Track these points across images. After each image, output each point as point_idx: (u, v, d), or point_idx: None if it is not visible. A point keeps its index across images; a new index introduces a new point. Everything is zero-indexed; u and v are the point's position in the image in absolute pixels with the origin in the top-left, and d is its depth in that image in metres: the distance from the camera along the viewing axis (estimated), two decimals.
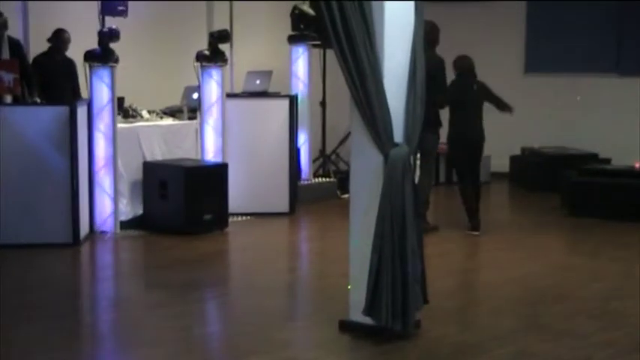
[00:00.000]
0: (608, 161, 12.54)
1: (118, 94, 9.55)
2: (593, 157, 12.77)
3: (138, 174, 9.76)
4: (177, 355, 5.90)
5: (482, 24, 14.17)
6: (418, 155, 9.53)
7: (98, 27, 9.44)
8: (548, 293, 7.35)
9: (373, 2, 5.86)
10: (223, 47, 10.45)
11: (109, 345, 6.33)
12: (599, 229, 9.95)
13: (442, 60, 9.56)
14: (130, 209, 9.70)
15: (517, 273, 8.01)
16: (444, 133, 9.88)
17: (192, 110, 10.43)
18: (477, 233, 9.45)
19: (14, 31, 9.67)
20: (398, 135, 5.95)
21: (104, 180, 9.43)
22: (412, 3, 6.01)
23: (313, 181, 11.82)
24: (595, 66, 13.54)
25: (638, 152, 11.95)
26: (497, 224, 10.23)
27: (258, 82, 10.81)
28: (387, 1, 5.89)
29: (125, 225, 9.56)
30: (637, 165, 11.06)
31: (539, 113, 13.82)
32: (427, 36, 9.58)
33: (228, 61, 10.65)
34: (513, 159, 13.45)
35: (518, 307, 7.07)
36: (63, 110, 8.82)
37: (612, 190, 10.65)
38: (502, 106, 9.86)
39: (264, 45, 12.23)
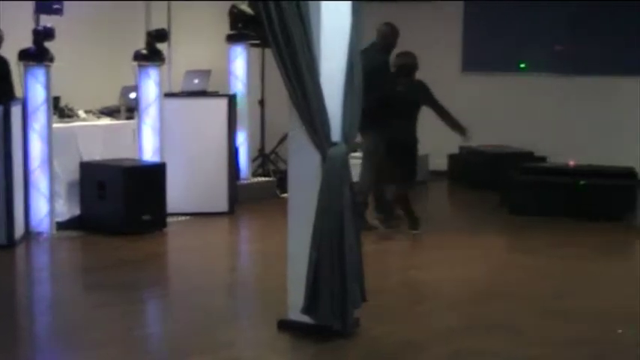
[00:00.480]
0: (543, 159, 12.71)
1: (54, 93, 9.43)
2: (529, 155, 12.92)
3: (75, 174, 9.64)
4: (118, 357, 5.85)
5: (419, 24, 14.24)
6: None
7: (33, 25, 9.31)
8: (488, 291, 7.42)
9: (310, 2, 5.86)
10: (161, 46, 10.37)
11: (49, 348, 6.25)
12: (538, 226, 10.05)
13: (386, 61, 9.59)
14: (66, 210, 9.59)
15: (458, 271, 8.07)
16: None
17: (130, 110, 10.33)
18: (417, 232, 9.50)
19: None
20: (336, 134, 5.96)
21: (40, 180, 9.30)
22: (349, 3, 6.03)
23: (252, 180, 11.78)
24: (532, 65, 13.71)
25: (572, 150, 12.13)
26: (438, 223, 10.30)
27: (196, 81, 10.75)
28: (324, 2, 5.90)
29: (62, 226, 9.45)
30: (571, 163, 11.22)
31: (476, 112, 13.92)
32: (386, 39, 9.78)
33: (166, 61, 10.57)
34: (452, 157, 13.55)
35: (459, 305, 7.12)
36: None
37: (550, 188, 10.79)
38: (451, 124, 9.78)
39: (203, 44, 12.17)
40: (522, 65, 13.79)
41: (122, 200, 9.30)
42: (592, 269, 8.21)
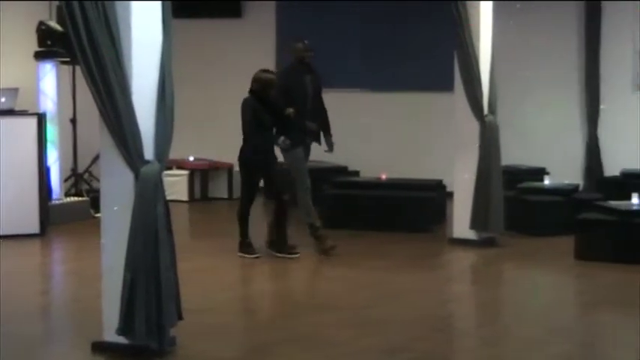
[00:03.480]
0: (357, 173, 12.99)
1: None
2: (344, 169, 13.18)
3: None
4: None
5: (234, 38, 14.36)
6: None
7: None
8: (308, 304, 7.51)
9: (120, 19, 5.80)
10: None
11: None
12: (354, 239, 10.25)
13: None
14: None
15: (278, 286, 8.13)
16: None
17: None
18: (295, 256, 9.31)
19: None
20: (148, 152, 5.91)
21: None
22: (160, 20, 6.00)
23: (65, 200, 11.51)
24: (338, 82, 14.01)
25: (384, 164, 12.45)
26: (256, 239, 10.33)
27: (3, 100, 10.42)
28: (135, 18, 5.86)
29: None
30: (383, 177, 11.52)
31: None
32: (297, 54, 9.68)
33: None
34: None
35: (279, 319, 7.18)
36: None
37: (364, 201, 11.04)
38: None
39: (10, 62, 11.82)
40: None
41: None
42: (402, 280, 8.44)
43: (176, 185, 12.88)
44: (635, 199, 9.39)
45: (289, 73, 9.78)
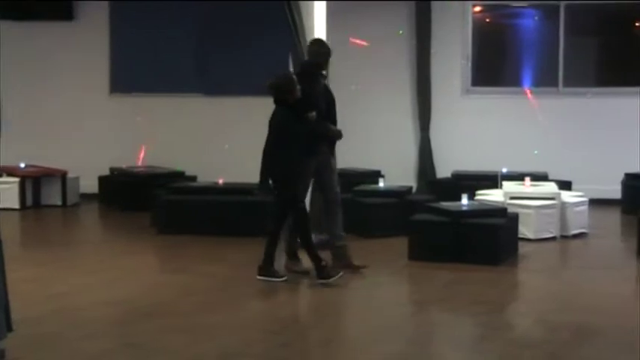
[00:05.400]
0: (194, 179, 12.92)
1: None
2: (181, 175, 13.09)
3: None
4: None
5: (63, 45, 14.04)
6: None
7: None
8: (141, 312, 7.39)
9: None
10: None
11: None
12: (189, 245, 10.18)
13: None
14: None
15: (110, 294, 7.97)
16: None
17: None
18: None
19: None
20: None
21: None
22: None
23: None
24: (175, 87, 13.94)
25: (221, 169, 12.43)
26: (90, 246, 10.17)
27: None
28: None
29: None
30: (220, 181, 11.49)
31: (126, 133, 13.93)
32: (316, 57, 8.63)
33: None
34: (102, 179, 13.42)
35: (112, 328, 7.04)
36: None
37: (200, 206, 10.98)
38: None
39: None
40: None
41: None
42: (237, 284, 8.42)
43: (6, 193, 12.52)
44: (464, 200, 9.69)
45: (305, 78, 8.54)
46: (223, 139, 13.68)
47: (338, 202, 8.81)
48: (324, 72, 8.76)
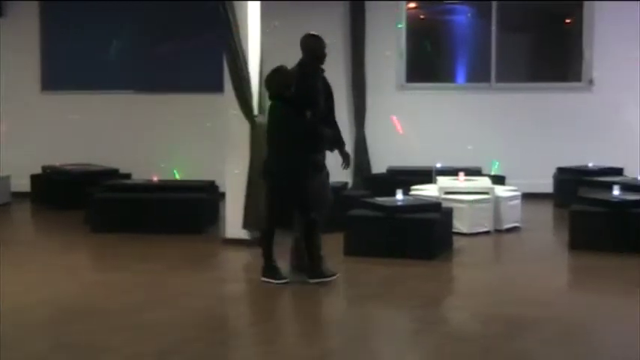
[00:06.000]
0: (128, 176, 12.82)
1: None
2: (115, 172, 12.98)
3: None
4: None
5: None
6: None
7: None
8: (76, 311, 7.32)
9: None
10: None
11: None
12: (125, 243, 10.10)
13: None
14: None
15: (45, 294, 7.88)
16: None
17: None
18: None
19: None
20: None
21: None
22: None
23: None
24: (108, 84, 13.83)
25: (155, 166, 12.35)
26: (23, 246, 10.02)
27: None
28: None
29: None
30: (155, 179, 11.41)
31: (59, 131, 13.78)
32: (314, 52, 8.46)
33: None
34: (34, 178, 13.23)
35: (49, 328, 6.93)
36: None
37: (135, 204, 10.89)
38: None
39: None
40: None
41: None
42: (174, 282, 8.38)
43: None
44: (399, 195, 9.76)
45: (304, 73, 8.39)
46: (159, 137, 13.61)
47: None
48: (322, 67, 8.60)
